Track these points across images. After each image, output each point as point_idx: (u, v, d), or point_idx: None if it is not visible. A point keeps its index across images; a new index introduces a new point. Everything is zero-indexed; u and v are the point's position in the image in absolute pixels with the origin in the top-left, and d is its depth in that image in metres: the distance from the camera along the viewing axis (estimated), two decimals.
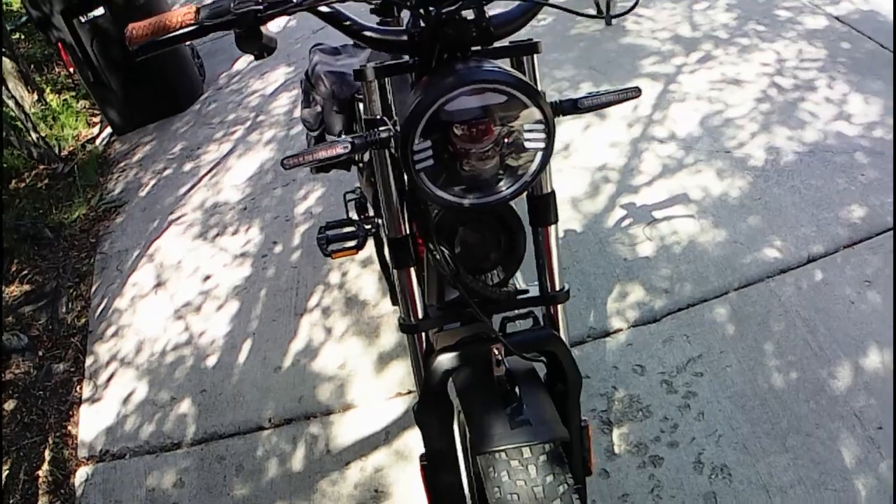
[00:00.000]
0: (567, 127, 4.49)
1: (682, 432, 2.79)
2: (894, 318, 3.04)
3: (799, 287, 3.23)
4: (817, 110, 4.22)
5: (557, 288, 1.80)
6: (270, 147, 5.44)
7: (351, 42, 3.00)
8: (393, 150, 1.59)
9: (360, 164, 3.00)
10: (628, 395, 2.97)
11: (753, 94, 4.50)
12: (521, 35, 1.64)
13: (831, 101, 4.27)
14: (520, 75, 1.43)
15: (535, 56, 1.65)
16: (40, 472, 3.42)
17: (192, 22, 1.51)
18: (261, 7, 1.45)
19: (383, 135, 1.54)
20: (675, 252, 3.52)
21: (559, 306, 1.82)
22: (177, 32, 1.52)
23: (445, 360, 1.73)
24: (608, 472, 2.72)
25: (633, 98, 1.63)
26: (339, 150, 1.50)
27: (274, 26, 1.76)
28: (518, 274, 1.97)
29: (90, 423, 3.63)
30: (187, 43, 1.58)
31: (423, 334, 1.82)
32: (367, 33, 1.59)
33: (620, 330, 3.24)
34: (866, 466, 2.57)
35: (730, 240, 3.52)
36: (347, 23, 1.58)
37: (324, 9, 1.55)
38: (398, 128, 1.44)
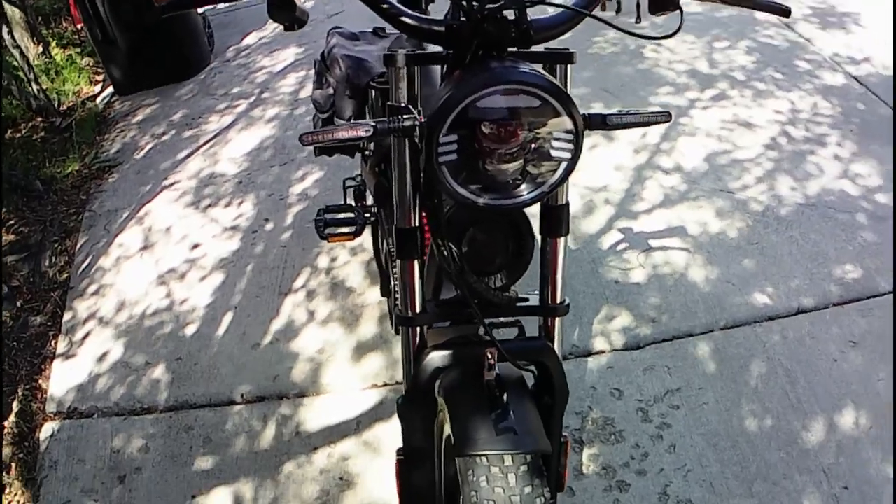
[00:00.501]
0: None
1: (652, 462, 2.78)
2: (893, 325, 3.09)
3: (785, 336, 3.22)
4: (824, 165, 4.22)
5: (559, 300, 1.80)
6: (272, 125, 5.44)
7: (370, 30, 2.99)
8: (416, 140, 1.58)
9: (367, 153, 2.99)
10: (603, 417, 2.95)
11: (763, 139, 4.49)
12: None
13: (839, 158, 4.27)
14: (555, 81, 1.42)
15: (569, 66, 1.64)
16: (6, 423, 3.38)
17: None
18: None
19: (407, 123, 1.52)
20: (666, 283, 3.52)
21: (557, 319, 1.82)
22: None
23: (437, 357, 1.72)
24: (574, 491, 2.71)
25: (663, 122, 1.62)
26: (361, 132, 1.48)
27: None
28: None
29: (61, 379, 3.60)
30: (201, 10, 1.56)
31: (417, 329, 1.81)
32: (405, 19, 1.57)
33: (603, 352, 3.23)
34: None
35: (722, 279, 3.51)
36: (385, 5, 1.57)
37: None
38: (422, 118, 1.43)
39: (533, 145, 1.44)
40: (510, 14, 1.49)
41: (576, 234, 3.85)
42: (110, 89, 6.76)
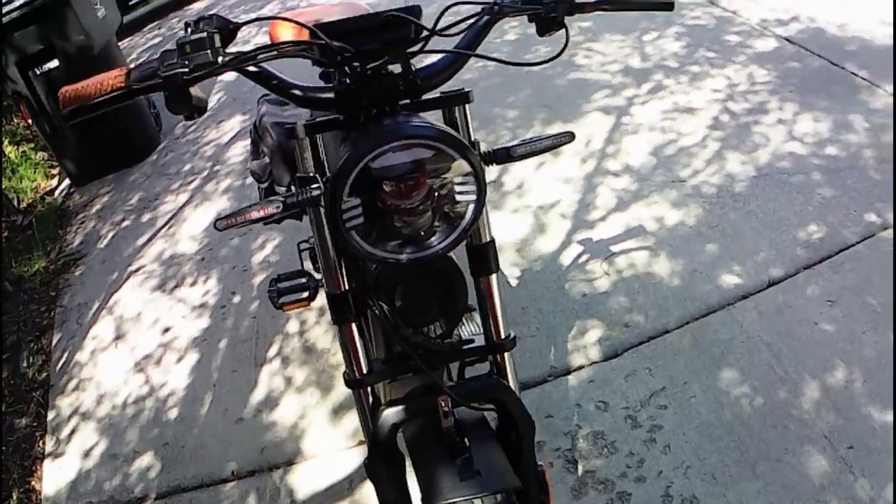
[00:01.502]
0: (519, 166, 4.47)
1: (649, 466, 2.78)
2: (894, 313, 3.08)
3: (760, 312, 3.23)
4: (770, 133, 4.26)
5: (503, 336, 1.80)
6: (227, 196, 5.43)
7: None
8: (323, 208, 1.59)
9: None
10: (592, 433, 2.95)
11: (706, 121, 4.53)
12: (467, 80, 1.64)
13: (783, 122, 4.32)
14: (446, 129, 1.44)
15: (466, 106, 1.65)
16: None
17: (122, 85, 1.50)
18: (187, 70, 1.45)
19: (315, 193, 1.53)
20: (633, 285, 3.52)
21: (506, 354, 1.82)
22: (106, 97, 1.51)
23: (392, 413, 1.72)
24: None
25: (566, 143, 1.65)
26: (272, 209, 1.49)
27: (227, 76, 1.76)
28: (475, 315, 1.96)
29: (53, 479, 3.59)
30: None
31: (370, 388, 1.80)
32: (294, 91, 1.59)
33: (582, 367, 3.23)
34: (839, 487, 2.57)
35: (688, 269, 3.52)
36: (274, 81, 1.59)
37: (251, 68, 1.54)
38: (329, 180, 1.43)
39: (440, 192, 1.44)
40: (396, 68, 1.49)
41: (536, 254, 3.85)
42: (67, 181, 6.75)
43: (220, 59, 1.48)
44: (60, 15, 5.71)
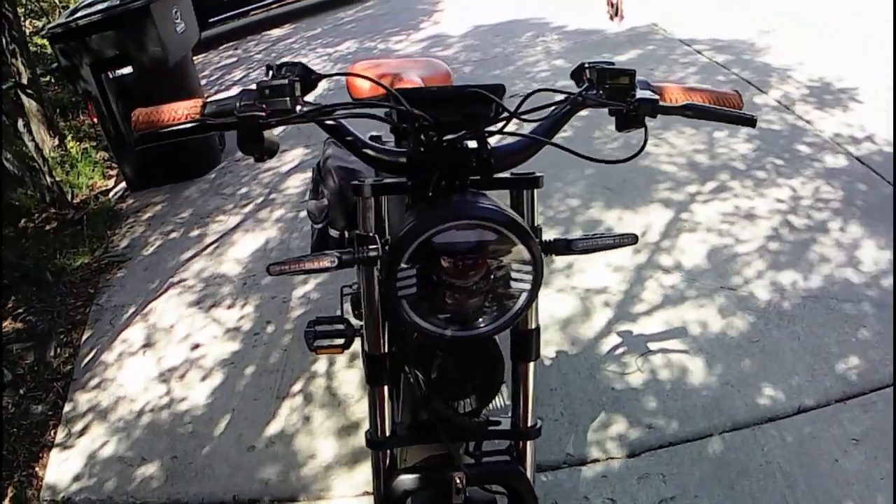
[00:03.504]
0: None
1: None
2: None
3: (784, 438, 3.17)
4: (827, 253, 4.19)
5: (530, 424, 1.80)
6: (278, 226, 5.48)
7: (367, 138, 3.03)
8: (377, 272, 1.60)
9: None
10: None
11: (765, 230, 4.47)
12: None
13: (842, 245, 4.24)
14: (512, 213, 1.45)
15: (535, 191, 1.66)
16: None
17: (197, 117, 1.53)
18: (263, 114, 1.47)
19: (371, 254, 1.55)
20: (664, 387, 3.49)
21: (529, 442, 1.82)
22: (179, 126, 1.53)
23: (406, 480, 1.73)
24: None
25: (629, 245, 1.65)
26: (326, 263, 1.51)
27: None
28: (504, 389, 1.96)
29: (58, 469, 3.63)
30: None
31: (388, 451, 1.81)
32: (366, 150, 1.60)
33: (598, 460, 3.19)
34: None
35: (721, 381, 3.48)
36: (350, 138, 1.60)
37: (328, 122, 1.56)
38: (388, 247, 1.44)
39: (496, 274, 1.45)
40: (471, 143, 1.51)
41: (574, 338, 3.83)
42: (123, 184, 6.85)
43: (298, 107, 1.50)
44: (140, 24, 5.84)
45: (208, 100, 1.53)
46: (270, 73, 1.54)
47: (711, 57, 7.12)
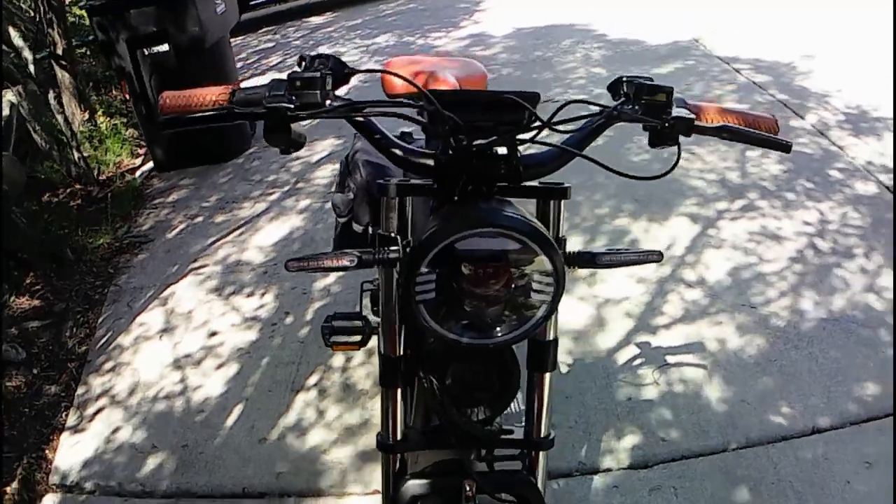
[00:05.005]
0: None
1: None
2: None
3: (798, 457, 3.15)
4: (850, 279, 4.17)
5: (543, 435, 1.79)
6: (304, 216, 5.47)
7: (397, 134, 3.02)
8: (397, 274, 1.59)
9: None
10: None
11: (790, 252, 4.45)
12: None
13: (866, 271, 4.22)
14: (537, 224, 1.44)
15: (562, 201, 1.64)
16: (8, 489, 3.40)
17: (225, 105, 1.51)
18: (292, 106, 1.45)
19: (392, 255, 1.53)
20: (679, 401, 3.47)
21: (541, 453, 1.80)
22: (207, 113, 1.52)
23: (416, 485, 1.72)
24: None
25: (653, 262, 1.63)
26: (345, 262, 1.50)
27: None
28: (519, 395, 1.94)
29: (68, 452, 3.63)
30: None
31: (398, 455, 1.80)
32: (395, 150, 1.60)
33: (610, 470, 3.18)
34: None
35: (737, 397, 3.46)
36: (378, 136, 1.59)
37: (358, 118, 1.55)
38: (409, 250, 1.43)
39: (516, 284, 1.44)
40: (501, 150, 1.49)
41: (592, 346, 3.82)
42: (150, 164, 6.86)
43: (328, 102, 1.49)
44: (181, 3, 5.82)
45: (238, 87, 1.52)
46: (303, 64, 1.53)
47: (750, 77, 7.08)
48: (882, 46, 6.94)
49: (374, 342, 2.05)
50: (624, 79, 1.65)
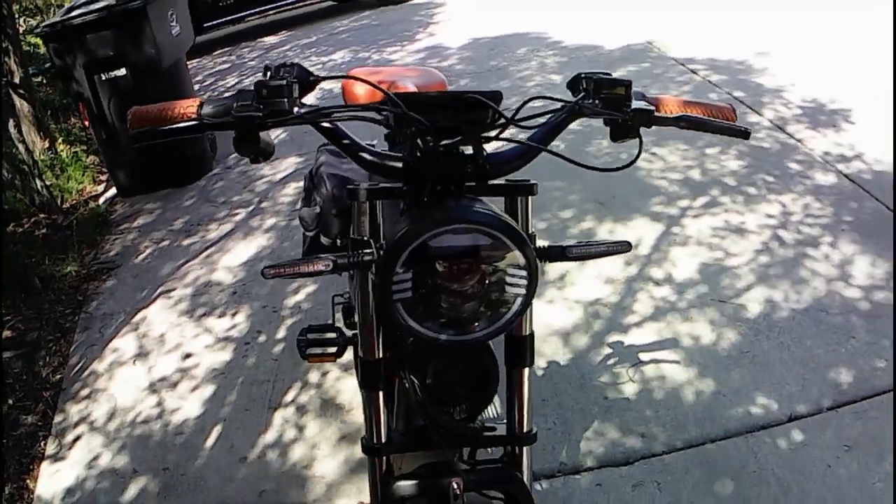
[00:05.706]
0: None
1: None
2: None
3: (777, 445, 3.19)
4: (816, 268, 4.22)
5: (525, 430, 1.80)
6: (270, 235, 5.47)
7: None
8: (373, 276, 1.60)
9: (352, 271, 3.00)
10: None
11: (755, 245, 4.49)
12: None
13: (831, 259, 4.27)
14: (507, 218, 1.46)
15: (529, 198, 1.67)
16: None
17: (194, 116, 1.52)
18: (260, 115, 1.46)
19: (366, 258, 1.54)
20: (656, 397, 3.49)
21: (525, 448, 1.82)
22: (176, 125, 1.53)
23: (403, 486, 1.73)
24: None
25: (622, 252, 1.65)
26: (321, 266, 1.50)
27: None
28: (496, 399, 1.95)
29: (49, 481, 3.61)
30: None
31: (384, 457, 1.81)
32: (363, 154, 1.61)
33: (592, 469, 3.19)
34: None
35: (713, 390, 3.48)
36: (346, 141, 1.60)
37: (325, 124, 1.56)
38: (382, 252, 1.44)
39: (490, 279, 1.45)
40: (467, 149, 1.51)
41: (565, 348, 3.83)
42: (113, 190, 6.82)
43: (295, 109, 1.51)
44: (136, 26, 5.83)
45: (205, 100, 1.53)
46: (268, 73, 1.54)
47: (706, 76, 7.15)
48: (836, 39, 7.03)
49: (349, 354, 2.06)
50: (582, 75, 1.68)
